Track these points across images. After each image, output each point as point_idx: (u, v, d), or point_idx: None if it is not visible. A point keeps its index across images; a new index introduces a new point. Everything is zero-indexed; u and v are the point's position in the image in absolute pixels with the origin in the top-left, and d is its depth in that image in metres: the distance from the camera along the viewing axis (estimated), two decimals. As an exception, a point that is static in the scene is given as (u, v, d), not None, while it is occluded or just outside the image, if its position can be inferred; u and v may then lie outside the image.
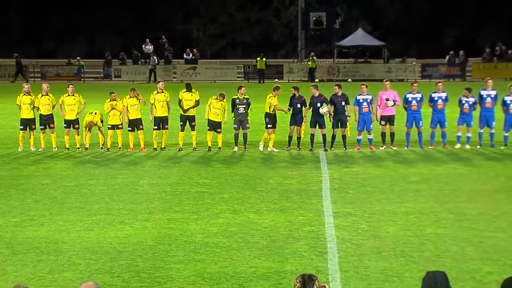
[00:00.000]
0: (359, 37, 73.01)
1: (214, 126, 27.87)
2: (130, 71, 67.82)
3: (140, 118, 28.05)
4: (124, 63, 69.15)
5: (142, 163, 25.42)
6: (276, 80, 63.37)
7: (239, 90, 28.44)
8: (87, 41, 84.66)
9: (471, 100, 28.32)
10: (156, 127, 27.97)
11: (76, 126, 28.18)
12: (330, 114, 27.66)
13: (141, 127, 28.02)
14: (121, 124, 28.01)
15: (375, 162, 25.32)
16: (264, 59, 66.47)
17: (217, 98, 27.98)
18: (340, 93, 28.02)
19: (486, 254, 14.59)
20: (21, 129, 28.21)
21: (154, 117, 28.02)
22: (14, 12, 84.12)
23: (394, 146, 28.06)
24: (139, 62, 69.01)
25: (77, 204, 19.24)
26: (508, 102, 28.17)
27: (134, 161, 25.93)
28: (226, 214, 17.96)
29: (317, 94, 27.96)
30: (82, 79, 66.86)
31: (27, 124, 28.15)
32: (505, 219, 17.30)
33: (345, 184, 21.56)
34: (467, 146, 28.00)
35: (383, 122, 28.15)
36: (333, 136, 27.84)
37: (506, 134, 28.27)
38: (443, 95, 28.43)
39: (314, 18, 73.37)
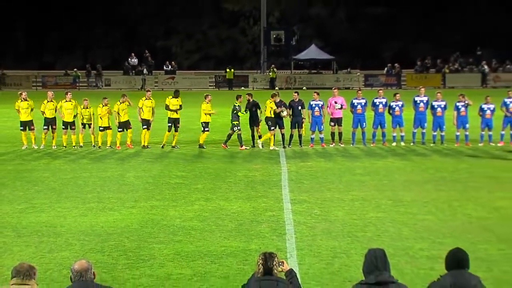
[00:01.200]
0: (312, 52, 73.28)
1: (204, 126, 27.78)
2: (118, 80, 67.87)
3: (128, 120, 27.97)
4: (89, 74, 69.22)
5: (129, 159, 25.31)
6: (243, 88, 63.44)
7: (238, 99, 28.11)
8: (81, 54, 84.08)
9: (400, 103, 28.53)
10: (145, 127, 27.81)
11: (73, 127, 28.05)
12: (290, 116, 27.70)
13: (130, 127, 27.98)
14: (110, 126, 27.90)
15: (326, 157, 25.39)
16: (232, 70, 66.91)
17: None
18: (297, 99, 28.06)
19: (418, 233, 14.66)
20: (21, 130, 28.10)
21: (142, 118, 27.93)
22: (19, 29, 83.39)
23: (342, 144, 28.16)
24: (130, 73, 69.00)
25: (73, 193, 19.11)
26: (436, 106, 28.40)
27: (121, 157, 25.82)
28: (200, 202, 17.92)
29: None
30: (78, 88, 66.58)
31: (26, 125, 28.01)
32: (434, 204, 17.40)
33: (301, 176, 21.59)
34: (402, 144, 28.20)
35: (332, 123, 28.25)
36: (291, 136, 27.88)
37: (435, 133, 28.48)
38: (383, 100, 28.61)
39: (274, 36, 73.50)
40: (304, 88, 61.49)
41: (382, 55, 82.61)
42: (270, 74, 67.29)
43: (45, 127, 28.05)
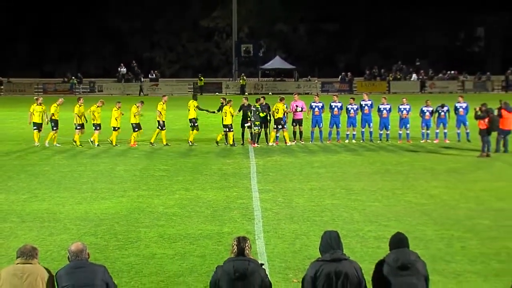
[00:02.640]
0: (276, 62, 73.40)
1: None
2: (110, 87, 67.42)
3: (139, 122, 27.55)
4: (81, 82, 68.52)
5: (119, 155, 25.13)
6: (217, 93, 63.31)
7: (258, 101, 27.86)
8: (77, 64, 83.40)
9: (355, 106, 28.72)
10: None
11: (79, 127, 27.53)
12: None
13: (141, 128, 27.66)
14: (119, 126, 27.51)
15: (288, 153, 25.43)
16: (202, 78, 67.06)
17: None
18: (264, 103, 28.05)
19: (367, 217, 14.74)
20: (34, 129, 27.49)
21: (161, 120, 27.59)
22: (22, 42, 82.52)
23: (302, 141, 28.23)
24: (122, 80, 68.72)
25: (70, 185, 18.95)
26: (382, 109, 28.63)
27: (112, 153, 25.63)
28: (180, 191, 17.87)
29: (246, 103, 27.97)
30: (74, 93, 66.04)
31: (38, 126, 27.54)
32: (380, 193, 17.51)
33: (267, 169, 21.61)
34: (353, 141, 28.36)
35: (294, 124, 28.32)
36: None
37: (381, 132, 28.69)
38: (339, 104, 28.72)
39: (244, 49, 73.50)
40: (270, 93, 61.54)
41: (337, 65, 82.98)
42: (241, 81, 67.26)
43: (56, 127, 27.45)
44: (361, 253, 11.88)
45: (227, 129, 27.37)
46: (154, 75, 69.78)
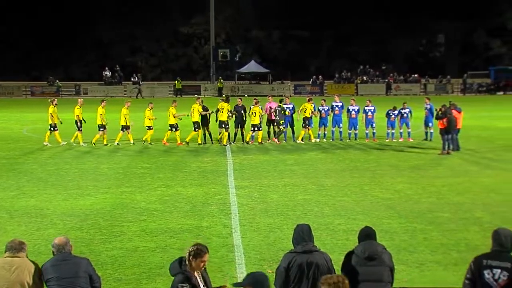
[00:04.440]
0: (252, 66, 73.34)
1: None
2: (93, 89, 66.88)
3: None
4: (52, 85, 67.77)
5: (103, 153, 24.95)
6: (196, 95, 63.08)
7: (282, 102, 28.30)
8: (63, 69, 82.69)
9: (326, 107, 28.83)
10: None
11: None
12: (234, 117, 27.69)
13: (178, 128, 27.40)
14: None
15: (263, 151, 25.43)
16: (180, 81, 66.90)
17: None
18: (240, 104, 28.05)
19: (337, 211, 14.79)
20: (51, 130, 27.00)
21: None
22: (11, 49, 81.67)
23: (276, 140, 28.23)
24: (108, 83, 68.28)
25: (57, 182, 18.76)
26: (351, 110, 28.73)
27: (96, 152, 25.43)
28: (161, 188, 17.79)
29: (241, 103, 27.99)
30: (60, 96, 65.58)
31: (55, 126, 27.03)
32: (349, 188, 17.59)
33: (243, 166, 21.59)
34: (324, 140, 28.45)
35: (268, 124, 28.30)
36: (235, 134, 27.85)
37: (350, 132, 28.80)
38: (291, 106, 28.69)
39: (221, 53, 73.38)
40: (245, 95, 61.46)
41: (308, 68, 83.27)
42: (218, 84, 67.15)
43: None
44: (331, 245, 11.91)
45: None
46: (136, 78, 69.36)
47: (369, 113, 28.62)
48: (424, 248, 11.90)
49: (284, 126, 27.77)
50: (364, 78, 70.67)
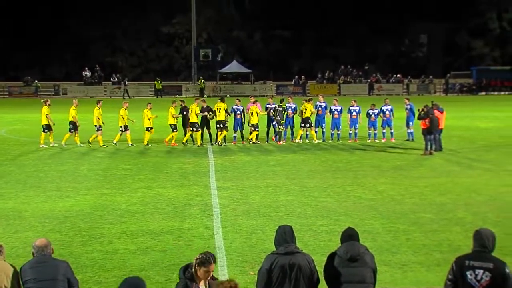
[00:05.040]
0: (234, 66, 73.28)
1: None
2: (73, 89, 66.43)
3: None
4: (29, 85, 67.32)
5: (83, 155, 24.79)
6: (177, 96, 62.95)
7: (282, 102, 28.45)
8: (41, 69, 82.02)
9: (293, 106, 28.77)
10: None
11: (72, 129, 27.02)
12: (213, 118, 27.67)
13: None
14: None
15: (245, 152, 25.44)
16: (160, 82, 66.71)
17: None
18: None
19: (319, 213, 14.83)
20: (44, 132, 26.76)
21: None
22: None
23: (258, 141, 28.23)
24: (88, 83, 67.86)
25: (35, 184, 18.62)
26: (333, 110, 28.81)
27: (76, 153, 25.27)
28: (142, 189, 17.72)
29: (205, 105, 27.88)
30: (38, 96, 65.20)
31: (49, 127, 26.75)
32: (332, 189, 17.64)
33: (225, 167, 21.58)
34: (307, 140, 28.50)
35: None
36: (217, 135, 27.82)
37: (333, 132, 28.89)
38: (293, 106, 28.81)
39: (203, 53, 73.29)
40: (227, 96, 61.44)
41: (291, 69, 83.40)
42: (200, 84, 67.04)
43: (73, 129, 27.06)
44: (313, 246, 11.94)
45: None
46: (116, 78, 69.07)
47: (354, 113, 28.71)
48: (407, 249, 11.97)
49: (283, 126, 27.86)
50: (344, 78, 70.83)
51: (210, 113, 27.42)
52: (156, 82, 66.94)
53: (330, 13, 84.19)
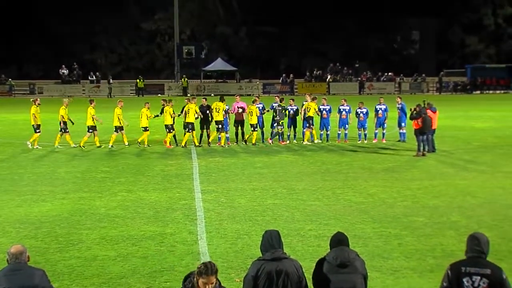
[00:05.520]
0: (218, 64, 73.29)
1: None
2: (49, 88, 66.13)
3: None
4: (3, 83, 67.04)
5: (60, 157, 24.66)
6: (159, 95, 62.87)
7: (282, 101, 28.61)
8: (17, 67, 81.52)
9: (295, 108, 28.84)
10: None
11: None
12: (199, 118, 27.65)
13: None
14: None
15: (231, 153, 25.42)
16: (142, 80, 66.58)
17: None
18: (205, 104, 27.97)
19: (308, 217, 14.84)
20: (38, 132, 26.80)
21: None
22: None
23: (244, 142, 28.23)
24: (67, 81, 67.59)
25: (10, 187, 18.49)
26: (322, 109, 28.84)
27: (54, 155, 25.14)
28: (122, 193, 17.66)
29: (206, 103, 27.85)
30: (13, 95, 64.84)
31: (39, 127, 26.85)
32: (321, 192, 17.67)
33: (209, 170, 21.55)
34: (295, 141, 28.53)
35: (236, 124, 28.27)
36: (201, 135, 27.78)
37: (321, 132, 28.93)
38: (295, 108, 28.76)
39: (186, 50, 73.21)
40: (212, 95, 61.38)
41: (278, 67, 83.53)
42: (183, 83, 66.97)
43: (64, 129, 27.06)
44: (302, 252, 11.95)
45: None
46: (94, 77, 68.80)
47: (344, 112, 28.76)
48: (399, 254, 12.01)
49: (281, 127, 28.01)
50: (333, 76, 71.00)
51: (199, 112, 27.38)
52: (138, 80, 66.77)
53: (318, 8, 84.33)
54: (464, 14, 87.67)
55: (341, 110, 28.84)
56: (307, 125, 28.31)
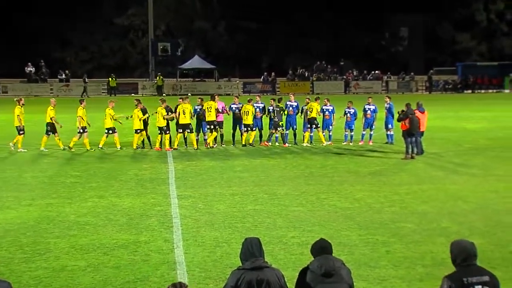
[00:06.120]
0: (196, 62, 73.16)
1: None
2: (14, 87, 65.67)
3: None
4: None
5: (26, 160, 24.48)
6: (133, 94, 62.68)
7: (280, 101, 28.71)
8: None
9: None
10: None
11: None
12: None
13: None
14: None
15: (209, 156, 25.40)
16: (114, 78, 66.31)
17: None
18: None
19: (291, 223, 14.85)
20: (22, 134, 26.76)
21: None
22: None
23: (223, 144, 28.22)
24: (33, 80, 67.15)
25: (-28, 193, 18.33)
26: (324, 110, 28.95)
27: (19, 159, 24.94)
28: (93, 199, 17.57)
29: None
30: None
31: (23, 129, 26.82)
32: (304, 197, 17.70)
33: (186, 174, 21.52)
34: (277, 143, 28.57)
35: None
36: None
37: (324, 133, 28.90)
38: (261, 105, 28.84)
39: (161, 47, 73.09)
40: (189, 94, 61.18)
41: (259, 64, 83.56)
42: (158, 81, 66.81)
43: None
44: (284, 260, 11.95)
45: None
46: (63, 75, 68.36)
47: (327, 113, 28.83)
48: (387, 262, 12.06)
49: (281, 128, 28.14)
50: (317, 75, 71.25)
51: (170, 113, 27.37)
52: (110, 79, 66.50)
53: (301, 3, 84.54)
54: (455, 10, 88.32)
55: (324, 110, 28.91)
56: (308, 126, 28.37)
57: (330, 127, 28.89)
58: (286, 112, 28.39)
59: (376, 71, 73.14)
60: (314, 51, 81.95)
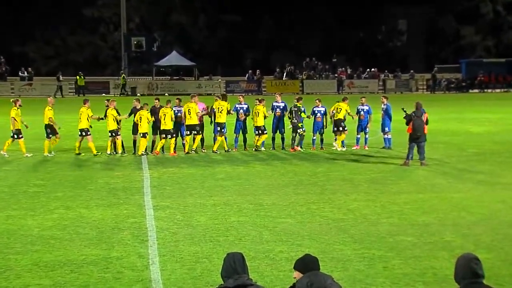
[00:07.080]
0: (173, 58, 73.19)
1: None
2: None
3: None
4: None
5: (-16, 167, 24.40)
6: (104, 94, 62.56)
7: (299, 101, 28.77)
8: None
9: (323, 110, 28.92)
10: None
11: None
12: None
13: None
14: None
15: (188, 163, 25.38)
16: (83, 77, 66.13)
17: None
18: (158, 105, 27.94)
19: (278, 236, 14.84)
20: (21, 138, 26.97)
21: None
22: None
23: (204, 150, 28.19)
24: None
25: None
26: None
27: (-23, 165, 24.85)
28: (59, 210, 17.49)
29: (139, 106, 27.73)
30: None
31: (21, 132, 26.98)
32: (293, 207, 17.69)
33: (163, 182, 21.48)
34: (262, 149, 28.58)
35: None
36: (153, 142, 27.70)
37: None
38: (244, 106, 28.85)
39: (135, 42, 73.09)
40: (166, 94, 61.25)
41: (243, 62, 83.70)
42: (121, 80, 66.64)
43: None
44: (271, 277, 11.94)
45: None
46: (26, 73, 68.06)
47: (318, 115, 28.87)
48: (384, 279, 12.08)
49: (303, 130, 28.23)
50: (305, 73, 71.42)
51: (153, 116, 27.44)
52: (78, 77, 66.32)
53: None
54: (458, 1, 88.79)
55: (315, 112, 28.94)
56: (335, 129, 28.46)
57: (322, 130, 28.83)
58: (318, 118, 28.50)
59: (372, 69, 73.38)
60: (304, 47, 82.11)
